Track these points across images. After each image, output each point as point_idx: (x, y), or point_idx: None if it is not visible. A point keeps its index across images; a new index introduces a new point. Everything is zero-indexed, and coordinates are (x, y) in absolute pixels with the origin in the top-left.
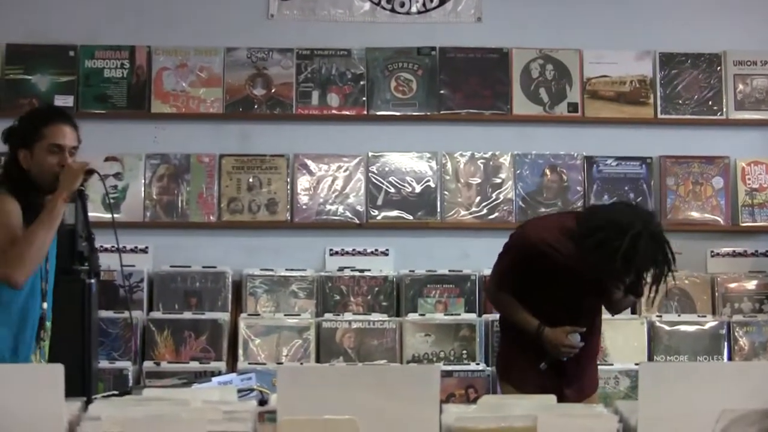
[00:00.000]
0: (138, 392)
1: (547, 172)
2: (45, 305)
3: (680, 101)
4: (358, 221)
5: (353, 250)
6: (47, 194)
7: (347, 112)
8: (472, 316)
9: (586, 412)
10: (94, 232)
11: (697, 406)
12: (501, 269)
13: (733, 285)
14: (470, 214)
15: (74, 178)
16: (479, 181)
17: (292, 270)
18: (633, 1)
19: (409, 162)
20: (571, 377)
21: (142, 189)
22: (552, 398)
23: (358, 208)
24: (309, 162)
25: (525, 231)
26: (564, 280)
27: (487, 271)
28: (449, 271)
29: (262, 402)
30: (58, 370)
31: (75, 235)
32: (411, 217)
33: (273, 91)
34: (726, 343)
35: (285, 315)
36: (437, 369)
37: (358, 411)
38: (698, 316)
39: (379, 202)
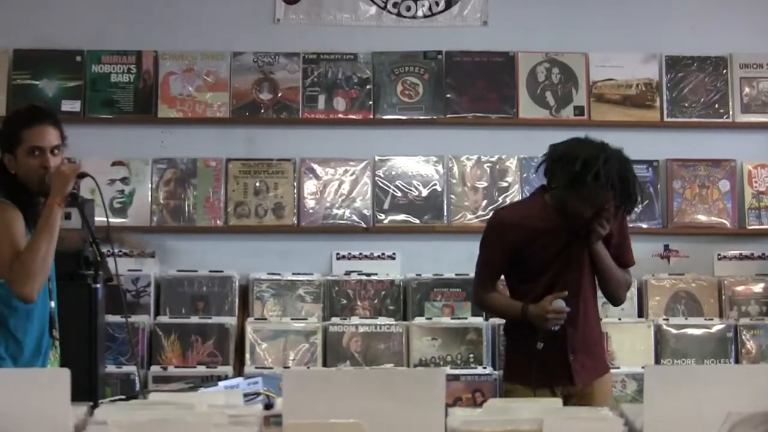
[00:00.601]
0: (144, 397)
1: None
2: (53, 304)
3: (686, 104)
4: (364, 225)
5: (360, 254)
6: (38, 196)
7: (354, 116)
8: (479, 319)
9: (592, 414)
10: (98, 236)
11: (703, 408)
12: (481, 260)
13: (740, 288)
14: (477, 217)
15: (65, 183)
16: (486, 184)
17: (298, 274)
18: (639, 4)
19: (416, 166)
20: (575, 345)
21: (149, 193)
22: (558, 401)
23: (365, 212)
24: (315, 166)
25: (494, 214)
26: (546, 248)
27: None
28: (456, 274)
29: (268, 406)
30: (64, 374)
31: (83, 239)
32: (418, 221)
33: (279, 95)
34: (733, 347)
35: (292, 319)
36: (442, 372)
37: (363, 415)
38: (705, 319)
39: (386, 206)
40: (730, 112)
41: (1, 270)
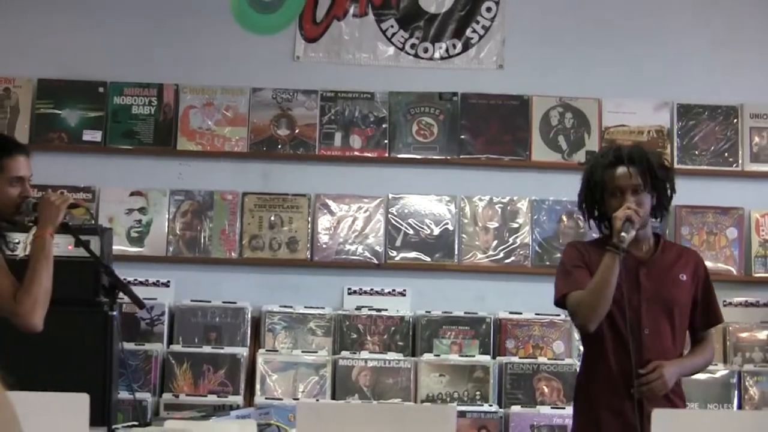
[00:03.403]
0: (159, 423)
1: (564, 218)
2: None
3: (697, 152)
4: (376, 261)
5: (371, 289)
6: (5, 221)
7: (369, 154)
8: (487, 358)
9: None
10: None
11: None
12: (570, 275)
13: (744, 335)
14: (487, 257)
15: (57, 213)
16: (497, 225)
17: (310, 308)
18: (652, 53)
19: (429, 204)
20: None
21: (166, 224)
22: None
23: (377, 248)
24: (330, 202)
25: (567, 245)
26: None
27: (503, 314)
28: (465, 313)
29: None
30: (84, 399)
31: (97, 267)
32: (429, 259)
33: (297, 131)
34: (736, 392)
35: (302, 352)
36: (453, 409)
37: None
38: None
39: (398, 243)
40: (740, 161)
41: (5, 303)
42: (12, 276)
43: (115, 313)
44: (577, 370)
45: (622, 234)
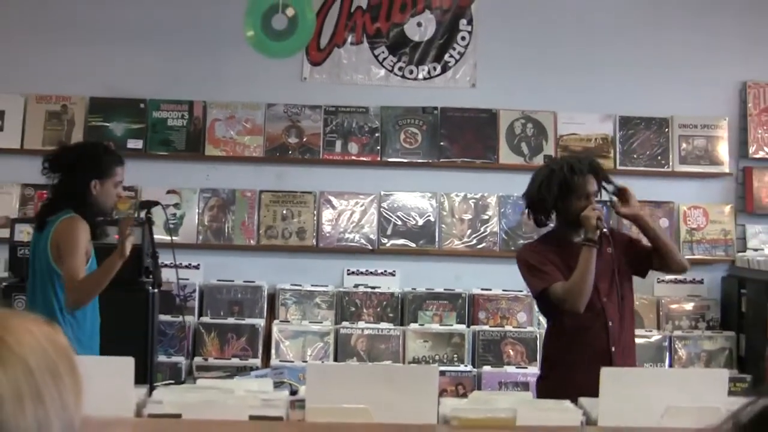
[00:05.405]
0: (192, 382)
1: (526, 211)
2: None
3: (635, 156)
4: (371, 247)
5: (366, 270)
6: (101, 216)
7: (364, 159)
8: (462, 326)
9: (556, 406)
10: (158, 251)
11: (647, 403)
12: (538, 275)
13: (674, 306)
14: (462, 243)
15: (126, 241)
16: (470, 217)
17: (316, 286)
18: (598, 74)
19: (414, 200)
20: (616, 339)
21: (196, 217)
22: (529, 395)
23: (371, 236)
24: (332, 198)
25: (519, 252)
26: (565, 264)
27: (476, 290)
28: (444, 289)
29: (293, 392)
30: (129, 362)
31: (141, 252)
32: (414, 245)
33: (304, 140)
34: (668, 354)
35: (310, 322)
36: (436, 369)
37: (371, 401)
38: (646, 330)
39: (389, 232)
40: (670, 163)
41: (71, 278)
42: (85, 258)
43: (155, 290)
44: (537, 336)
45: (602, 229)
